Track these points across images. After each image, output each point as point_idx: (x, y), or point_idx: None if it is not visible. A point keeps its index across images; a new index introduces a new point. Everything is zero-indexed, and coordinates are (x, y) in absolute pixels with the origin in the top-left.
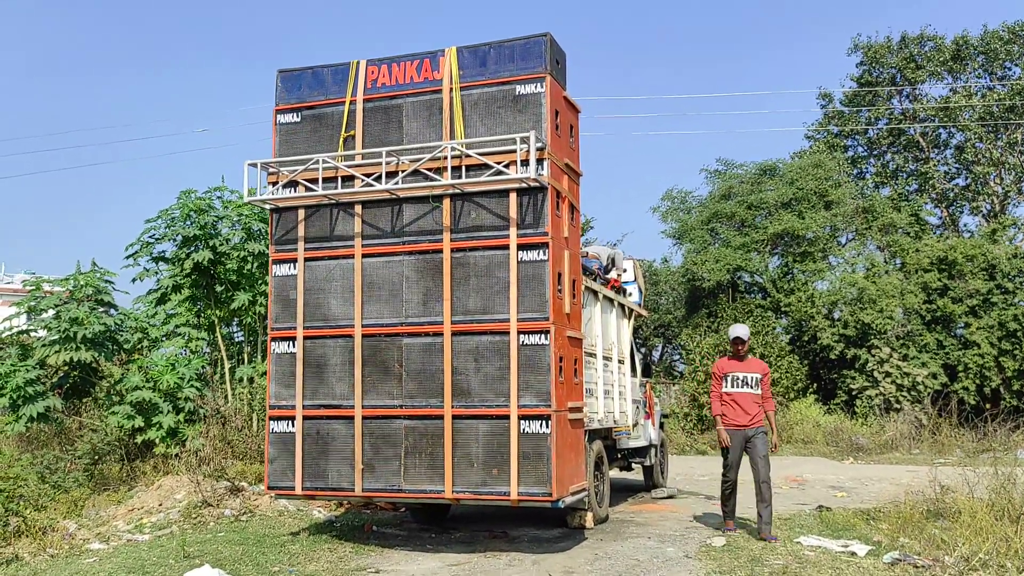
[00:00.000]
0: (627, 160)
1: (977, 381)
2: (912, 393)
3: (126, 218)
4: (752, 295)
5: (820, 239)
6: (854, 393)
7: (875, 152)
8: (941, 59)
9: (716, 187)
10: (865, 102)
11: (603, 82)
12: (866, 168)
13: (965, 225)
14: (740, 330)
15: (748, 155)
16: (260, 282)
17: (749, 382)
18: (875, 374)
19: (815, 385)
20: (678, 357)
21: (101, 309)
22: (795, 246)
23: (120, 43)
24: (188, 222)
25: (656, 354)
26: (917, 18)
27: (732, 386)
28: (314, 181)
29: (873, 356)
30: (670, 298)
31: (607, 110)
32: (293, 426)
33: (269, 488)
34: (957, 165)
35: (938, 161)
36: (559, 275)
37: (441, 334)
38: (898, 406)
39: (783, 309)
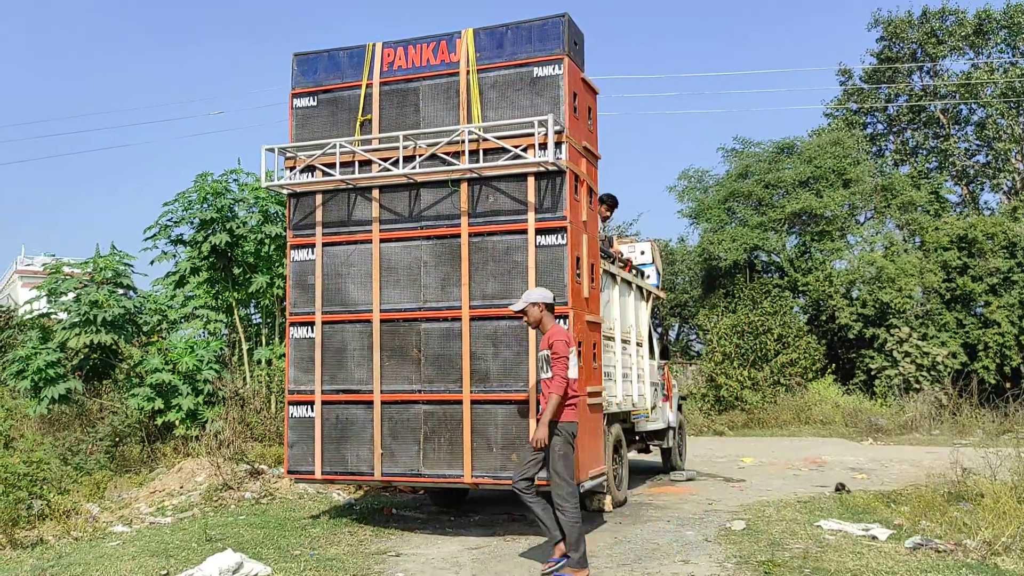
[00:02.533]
0: (643, 139)
1: (997, 360)
2: (932, 373)
3: (144, 201)
4: (769, 274)
5: (838, 218)
6: (873, 373)
7: (895, 129)
8: (963, 34)
9: (733, 166)
10: (885, 78)
11: (619, 61)
12: (885, 145)
13: (986, 203)
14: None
15: (766, 133)
16: (277, 264)
17: (542, 364)
18: (894, 354)
19: (833, 365)
20: (695, 337)
21: (120, 292)
22: (813, 225)
23: (138, 25)
24: (205, 205)
25: (673, 334)
26: None
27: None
28: (331, 166)
29: (892, 336)
30: (687, 278)
31: (623, 89)
32: (312, 411)
33: (289, 472)
34: (978, 142)
35: (959, 138)
36: (577, 259)
37: (459, 319)
38: (917, 386)
39: (801, 288)
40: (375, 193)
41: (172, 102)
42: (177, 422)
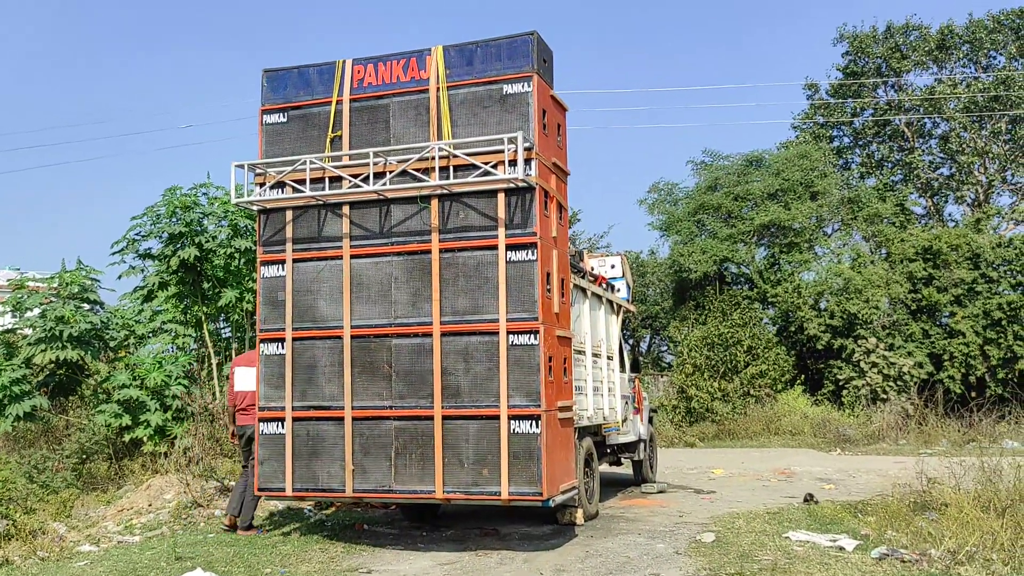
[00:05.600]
0: (613, 152)
1: (963, 370)
2: (898, 383)
3: (112, 215)
4: (739, 286)
5: (806, 230)
6: (841, 383)
7: (860, 142)
8: (926, 48)
9: (702, 179)
10: (851, 92)
11: (587, 75)
12: (851, 158)
13: (950, 215)
14: None
15: (734, 146)
16: (247, 278)
17: None
18: (861, 364)
19: (802, 376)
20: (666, 349)
21: (87, 307)
22: (781, 237)
23: (105, 37)
24: (174, 219)
25: (644, 345)
26: (903, 7)
27: None
28: (301, 182)
29: (859, 346)
30: (657, 290)
31: (592, 103)
32: (283, 428)
33: (259, 490)
34: (942, 155)
35: (923, 151)
36: (548, 275)
37: (430, 335)
38: (884, 396)
39: (770, 300)
40: (345, 209)
41: (141, 115)
42: (145, 438)
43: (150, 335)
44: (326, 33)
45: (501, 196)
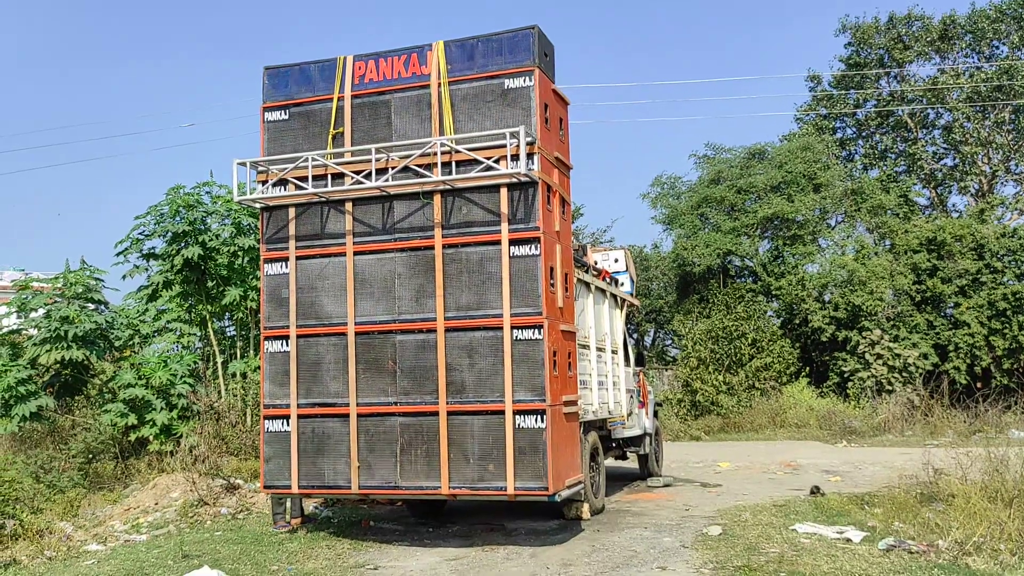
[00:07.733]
0: (616, 146)
1: (968, 361)
2: (903, 374)
3: (115, 215)
4: (743, 279)
5: (810, 222)
6: (846, 375)
7: (864, 134)
8: (928, 39)
9: (705, 172)
10: (853, 84)
11: (589, 68)
12: (855, 150)
13: (954, 205)
14: None
15: (737, 139)
16: (251, 277)
17: None
18: (866, 356)
19: (807, 368)
20: (670, 342)
21: (92, 307)
22: (785, 229)
23: (103, 38)
24: (177, 218)
25: (648, 339)
26: None
27: None
28: (304, 179)
29: (864, 338)
30: (661, 283)
31: (594, 97)
32: (288, 425)
33: (265, 488)
34: (945, 145)
35: (926, 142)
36: (551, 269)
37: (434, 330)
38: (890, 388)
39: (774, 292)
40: (348, 206)
41: (141, 115)
42: (151, 437)
43: (155, 334)
44: (325, 33)
45: (504, 191)
